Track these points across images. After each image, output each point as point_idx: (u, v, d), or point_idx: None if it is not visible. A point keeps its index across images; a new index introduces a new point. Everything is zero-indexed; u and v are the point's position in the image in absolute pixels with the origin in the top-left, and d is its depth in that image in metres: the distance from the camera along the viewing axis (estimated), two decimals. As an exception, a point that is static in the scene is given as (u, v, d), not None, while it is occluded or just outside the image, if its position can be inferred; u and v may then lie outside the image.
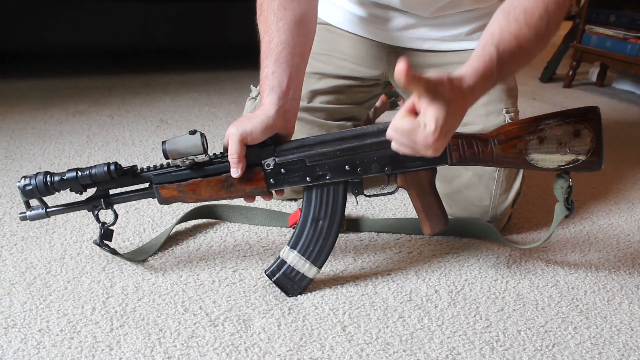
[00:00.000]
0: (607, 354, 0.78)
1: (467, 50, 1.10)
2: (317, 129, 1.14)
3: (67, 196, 1.13)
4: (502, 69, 0.76)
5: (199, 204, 1.11)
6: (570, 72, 2.58)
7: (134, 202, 1.16)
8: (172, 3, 2.32)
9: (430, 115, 0.68)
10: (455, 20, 1.08)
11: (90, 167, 0.83)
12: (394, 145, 0.76)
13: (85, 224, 1.08)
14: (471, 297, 0.90)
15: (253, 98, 1.23)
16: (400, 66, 0.62)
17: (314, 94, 1.16)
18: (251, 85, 1.26)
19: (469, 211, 1.08)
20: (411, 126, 0.70)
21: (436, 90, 0.67)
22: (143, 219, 1.11)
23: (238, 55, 2.85)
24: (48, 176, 0.83)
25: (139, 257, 0.96)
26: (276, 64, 0.87)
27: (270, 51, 0.88)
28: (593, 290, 0.93)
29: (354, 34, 1.16)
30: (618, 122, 2.07)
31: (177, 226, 1.07)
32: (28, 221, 1.06)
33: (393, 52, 1.14)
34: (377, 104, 1.61)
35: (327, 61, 1.16)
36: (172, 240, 1.04)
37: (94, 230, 1.05)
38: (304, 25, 0.92)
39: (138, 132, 1.66)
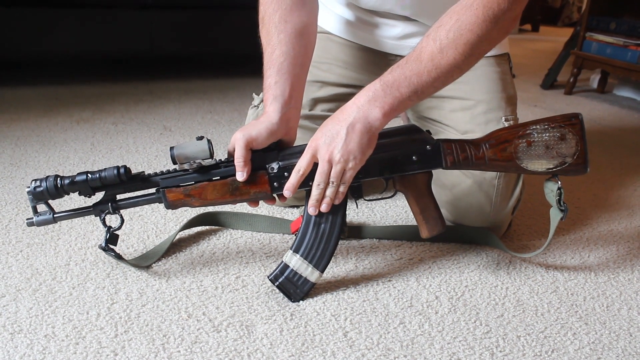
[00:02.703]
0: (606, 359, 0.79)
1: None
2: (319, 136, 1.15)
3: (72, 205, 1.15)
4: (396, 81, 0.83)
5: (202, 211, 1.13)
6: (571, 79, 2.59)
7: (138, 209, 1.18)
8: (176, 11, 2.34)
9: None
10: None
11: (100, 170, 0.85)
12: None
13: (89, 230, 1.09)
14: (471, 303, 0.91)
15: (255, 106, 1.24)
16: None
17: (315, 102, 1.17)
18: (253, 94, 1.27)
19: (469, 218, 1.09)
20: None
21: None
22: (147, 225, 1.13)
23: (241, 63, 2.87)
24: (58, 179, 0.85)
25: (143, 263, 0.97)
26: (278, 74, 0.91)
27: (273, 62, 0.91)
28: (592, 297, 0.94)
29: (354, 42, 1.17)
30: (619, 129, 2.08)
31: (180, 233, 1.08)
32: (35, 227, 1.08)
33: (392, 60, 1.16)
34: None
35: (328, 69, 1.18)
36: (175, 247, 1.05)
37: (99, 237, 1.06)
38: (304, 37, 0.95)
39: (142, 140, 1.68)
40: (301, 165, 0.84)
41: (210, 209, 1.17)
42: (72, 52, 2.30)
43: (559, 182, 0.90)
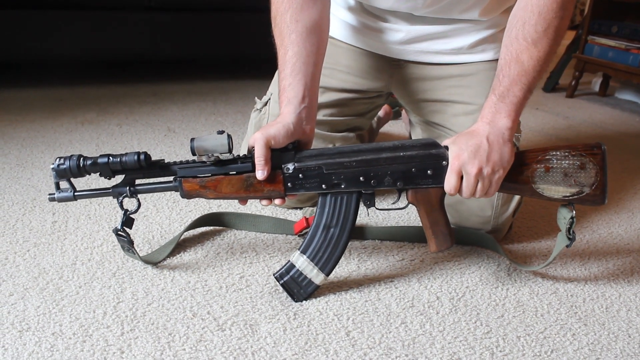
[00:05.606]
0: None
1: (469, 63, 1.13)
2: (321, 141, 1.16)
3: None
4: (507, 88, 0.89)
5: (207, 211, 1.14)
6: (573, 82, 2.60)
7: (143, 209, 1.19)
8: (180, 13, 2.35)
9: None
10: (457, 32, 1.11)
11: (122, 155, 0.87)
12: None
13: (95, 230, 1.10)
14: (472, 304, 0.92)
15: (258, 110, 1.25)
16: None
17: (318, 107, 1.18)
18: (255, 97, 1.28)
19: (471, 221, 1.10)
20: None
21: None
22: (152, 226, 1.14)
23: (245, 65, 2.89)
24: (81, 159, 0.87)
25: (148, 262, 0.98)
26: (292, 74, 0.93)
27: (286, 63, 0.94)
28: (592, 298, 0.95)
29: (356, 46, 1.18)
30: (620, 132, 2.09)
31: (185, 233, 1.10)
32: (40, 227, 1.10)
33: (395, 64, 1.17)
34: (381, 113, 1.64)
35: (330, 75, 1.18)
36: (180, 247, 1.06)
37: (105, 237, 1.08)
38: (316, 35, 0.96)
39: (146, 141, 1.69)
40: (451, 186, 0.86)
41: (215, 209, 1.18)
42: (75, 54, 2.31)
43: (574, 211, 0.90)
